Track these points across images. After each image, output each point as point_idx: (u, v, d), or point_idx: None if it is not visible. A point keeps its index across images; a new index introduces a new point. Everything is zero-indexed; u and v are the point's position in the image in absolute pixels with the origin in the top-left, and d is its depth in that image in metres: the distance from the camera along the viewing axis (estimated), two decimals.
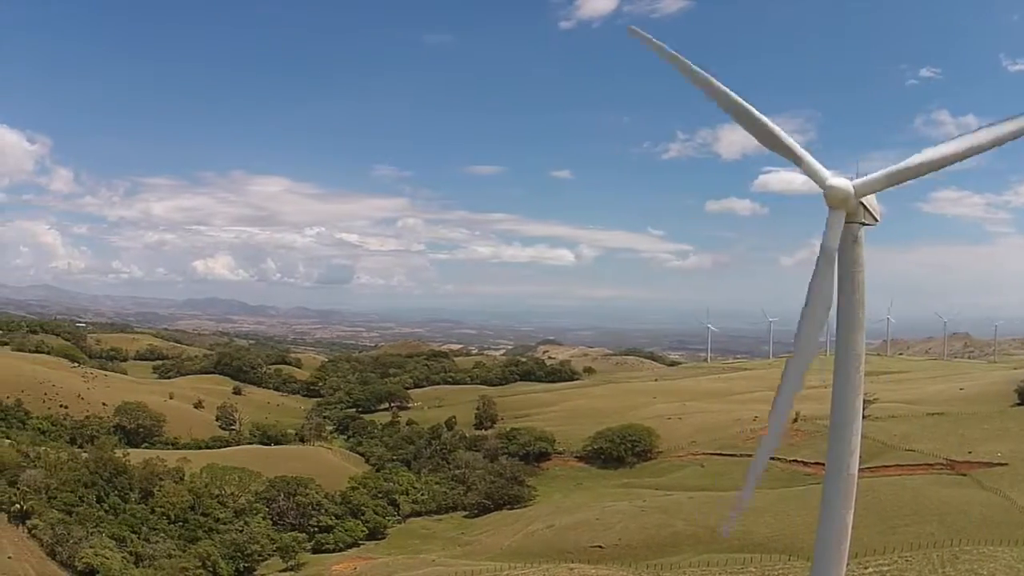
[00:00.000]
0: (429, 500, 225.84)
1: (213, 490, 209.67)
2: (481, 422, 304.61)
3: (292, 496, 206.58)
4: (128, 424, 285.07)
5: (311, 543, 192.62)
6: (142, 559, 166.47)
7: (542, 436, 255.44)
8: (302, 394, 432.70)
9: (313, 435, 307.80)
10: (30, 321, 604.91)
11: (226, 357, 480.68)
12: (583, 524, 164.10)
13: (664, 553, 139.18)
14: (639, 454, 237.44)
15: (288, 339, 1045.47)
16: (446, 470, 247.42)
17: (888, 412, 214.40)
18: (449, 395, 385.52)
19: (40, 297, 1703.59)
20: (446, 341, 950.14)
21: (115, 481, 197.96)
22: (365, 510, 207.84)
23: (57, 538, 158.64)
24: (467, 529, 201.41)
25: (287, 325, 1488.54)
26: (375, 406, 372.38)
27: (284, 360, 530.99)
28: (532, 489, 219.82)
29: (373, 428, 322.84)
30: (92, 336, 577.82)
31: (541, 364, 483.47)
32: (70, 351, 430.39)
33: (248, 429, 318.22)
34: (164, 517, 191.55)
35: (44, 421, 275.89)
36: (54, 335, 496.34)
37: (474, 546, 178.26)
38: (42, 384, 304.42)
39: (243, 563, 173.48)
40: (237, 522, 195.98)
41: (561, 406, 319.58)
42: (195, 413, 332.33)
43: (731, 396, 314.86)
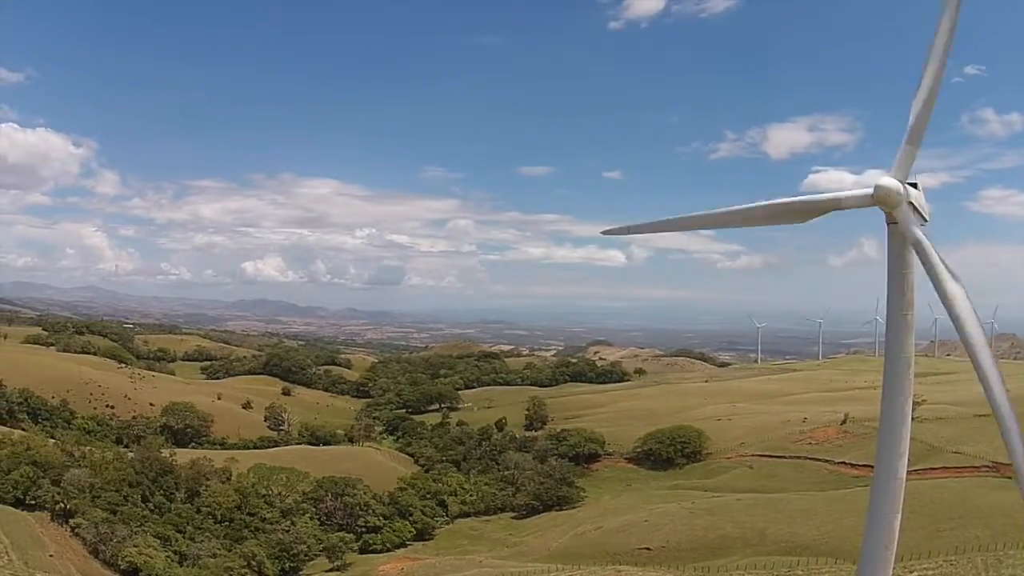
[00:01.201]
0: (478, 501, 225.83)
1: (260, 490, 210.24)
2: (531, 423, 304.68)
3: (340, 496, 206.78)
4: (175, 424, 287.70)
5: (358, 543, 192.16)
6: (186, 558, 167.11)
7: (592, 437, 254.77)
8: (352, 395, 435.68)
9: (362, 436, 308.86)
10: (76, 322, 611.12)
11: (275, 358, 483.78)
12: (631, 526, 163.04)
13: (712, 555, 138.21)
14: (688, 456, 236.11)
15: (338, 340, 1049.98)
16: (495, 471, 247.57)
17: (935, 414, 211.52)
18: (499, 396, 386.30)
19: (87, 298, 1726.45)
20: (497, 342, 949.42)
21: (161, 481, 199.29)
22: (413, 511, 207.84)
23: (100, 537, 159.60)
24: (515, 530, 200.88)
25: (337, 326, 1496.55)
26: (425, 407, 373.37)
27: (334, 361, 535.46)
28: (581, 490, 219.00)
29: (423, 429, 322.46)
30: (140, 337, 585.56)
31: (592, 365, 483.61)
32: (117, 352, 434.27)
33: (297, 429, 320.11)
34: (210, 517, 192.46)
35: (90, 421, 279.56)
36: (101, 336, 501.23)
37: (521, 547, 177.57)
38: (88, 384, 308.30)
39: (289, 563, 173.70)
40: (284, 522, 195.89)
41: (611, 407, 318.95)
42: (243, 414, 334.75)
43: (780, 397, 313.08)
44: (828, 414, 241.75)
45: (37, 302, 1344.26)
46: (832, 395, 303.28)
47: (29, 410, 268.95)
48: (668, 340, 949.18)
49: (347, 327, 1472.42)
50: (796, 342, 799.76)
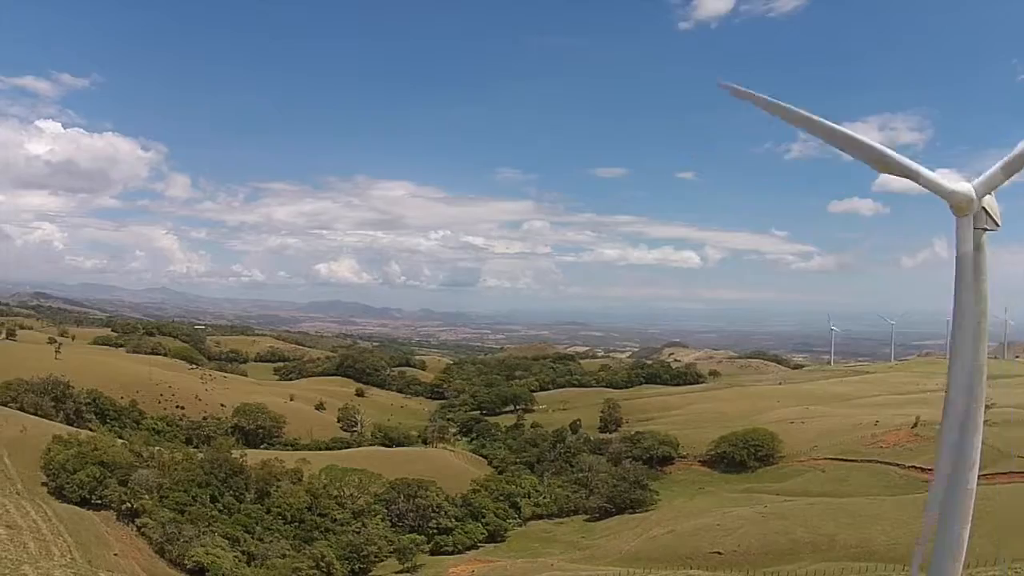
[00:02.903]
0: (551, 503, 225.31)
1: (332, 491, 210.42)
2: (606, 425, 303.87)
3: (412, 498, 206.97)
4: (247, 425, 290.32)
5: (429, 545, 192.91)
6: (254, 558, 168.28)
7: (666, 440, 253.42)
8: (426, 396, 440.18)
9: (436, 437, 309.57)
10: (146, 323, 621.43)
11: (349, 359, 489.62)
12: (704, 529, 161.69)
13: (782, 560, 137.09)
14: (761, 459, 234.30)
15: (413, 341, 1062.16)
16: (569, 473, 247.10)
17: (1004, 417, 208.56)
18: (574, 398, 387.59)
19: (157, 300, 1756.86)
20: (572, 343, 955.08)
21: (230, 481, 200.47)
22: (486, 512, 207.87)
23: (167, 536, 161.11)
24: (588, 533, 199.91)
25: (412, 327, 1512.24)
26: (500, 408, 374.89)
27: (408, 362, 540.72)
28: (655, 493, 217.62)
29: (497, 431, 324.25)
30: (211, 338, 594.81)
31: (666, 367, 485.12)
32: (188, 353, 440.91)
33: (370, 431, 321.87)
34: (280, 517, 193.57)
35: (159, 422, 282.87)
36: (172, 337, 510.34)
37: (594, 550, 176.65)
38: (158, 385, 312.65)
39: (358, 564, 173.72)
40: (355, 523, 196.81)
41: (686, 409, 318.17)
42: (316, 415, 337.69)
43: (853, 400, 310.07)
44: (899, 417, 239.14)
45: (106, 304, 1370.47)
46: (903, 398, 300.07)
47: (97, 411, 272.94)
48: (742, 342, 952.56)
49: (422, 328, 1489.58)
50: (869, 344, 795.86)
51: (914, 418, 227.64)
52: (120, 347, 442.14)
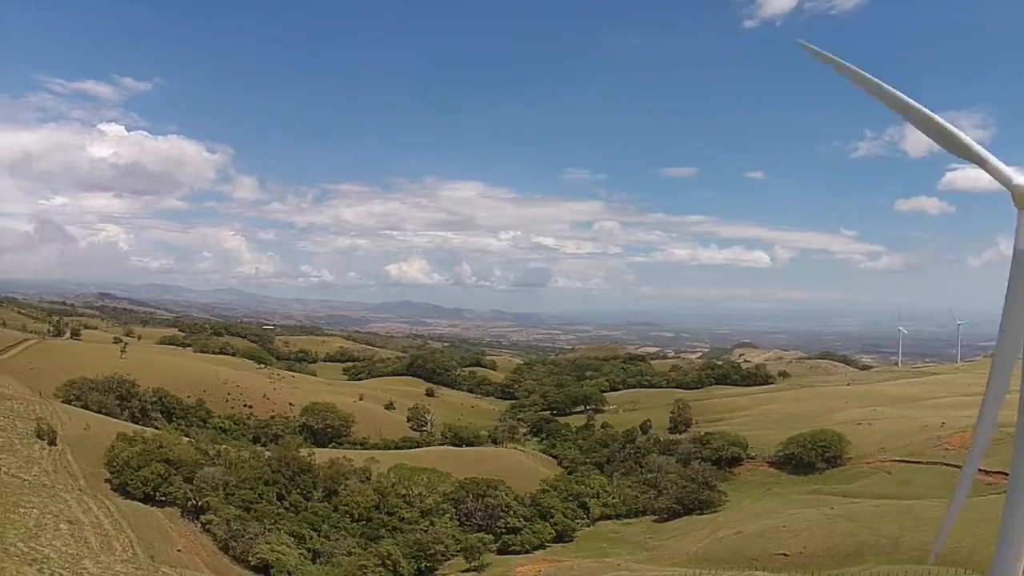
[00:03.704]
0: (619, 504, 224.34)
1: (400, 490, 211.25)
2: (676, 426, 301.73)
3: (481, 497, 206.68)
4: (315, 424, 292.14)
5: (497, 544, 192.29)
6: (320, 556, 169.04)
7: (735, 441, 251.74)
8: (497, 396, 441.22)
9: (506, 437, 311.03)
10: (214, 323, 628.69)
11: (419, 359, 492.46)
12: (770, 531, 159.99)
13: (847, 562, 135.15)
14: (829, 460, 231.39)
15: (483, 342, 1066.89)
16: (638, 474, 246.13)
17: None
18: (645, 398, 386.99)
19: (225, 301, 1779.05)
20: (643, 344, 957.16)
21: (298, 479, 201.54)
22: (554, 512, 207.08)
23: (232, 533, 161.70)
24: (655, 533, 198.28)
25: (483, 328, 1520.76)
26: (570, 409, 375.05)
27: (479, 362, 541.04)
28: (723, 494, 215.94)
29: (567, 431, 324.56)
30: (280, 339, 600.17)
31: (736, 367, 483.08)
32: (256, 353, 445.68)
33: (440, 431, 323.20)
34: (347, 515, 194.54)
35: (226, 420, 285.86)
36: (240, 337, 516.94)
37: (660, 551, 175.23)
38: (225, 384, 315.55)
39: (425, 563, 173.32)
40: (423, 522, 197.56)
41: (755, 410, 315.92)
42: (386, 414, 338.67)
43: (919, 401, 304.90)
44: (964, 419, 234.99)
45: (173, 304, 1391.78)
46: (970, 399, 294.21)
47: (163, 409, 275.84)
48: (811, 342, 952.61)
49: (493, 329, 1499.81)
50: (936, 344, 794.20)
51: None
52: (187, 347, 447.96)
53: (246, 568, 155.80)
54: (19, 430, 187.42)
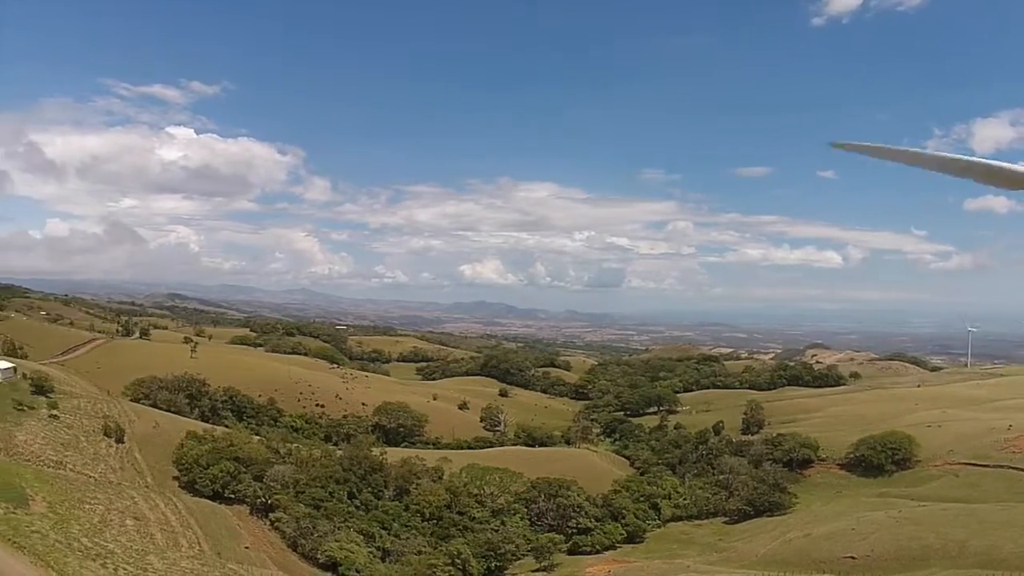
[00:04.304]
0: (690, 505, 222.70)
1: (472, 489, 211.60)
2: (748, 427, 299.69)
3: (553, 497, 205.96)
4: (388, 423, 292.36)
5: (568, 544, 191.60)
6: (389, 554, 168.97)
7: (806, 442, 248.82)
8: (570, 397, 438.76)
9: (579, 438, 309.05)
10: (286, 324, 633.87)
11: (493, 359, 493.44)
12: (838, 533, 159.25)
13: (913, 566, 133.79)
14: (898, 462, 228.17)
15: (557, 342, 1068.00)
16: (710, 475, 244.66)
17: None
18: (717, 399, 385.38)
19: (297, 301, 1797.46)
20: (716, 344, 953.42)
21: (369, 478, 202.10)
22: (626, 513, 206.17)
23: (301, 531, 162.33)
24: (725, 535, 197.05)
25: (557, 328, 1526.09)
26: (643, 410, 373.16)
27: (553, 363, 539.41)
28: (793, 496, 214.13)
29: (640, 432, 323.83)
30: (353, 339, 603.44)
31: (808, 369, 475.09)
32: (329, 353, 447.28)
33: (513, 431, 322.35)
34: (418, 515, 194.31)
35: (298, 419, 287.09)
36: (312, 337, 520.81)
37: (729, 553, 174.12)
38: (297, 384, 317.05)
39: (495, 562, 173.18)
40: (494, 522, 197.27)
41: (826, 412, 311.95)
42: (459, 414, 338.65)
43: (987, 403, 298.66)
44: None
45: (244, 304, 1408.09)
46: None
47: (234, 408, 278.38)
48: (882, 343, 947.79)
49: (567, 329, 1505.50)
50: (1006, 345, 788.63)
51: None
52: (259, 347, 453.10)
53: (314, 565, 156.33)
54: (86, 428, 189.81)
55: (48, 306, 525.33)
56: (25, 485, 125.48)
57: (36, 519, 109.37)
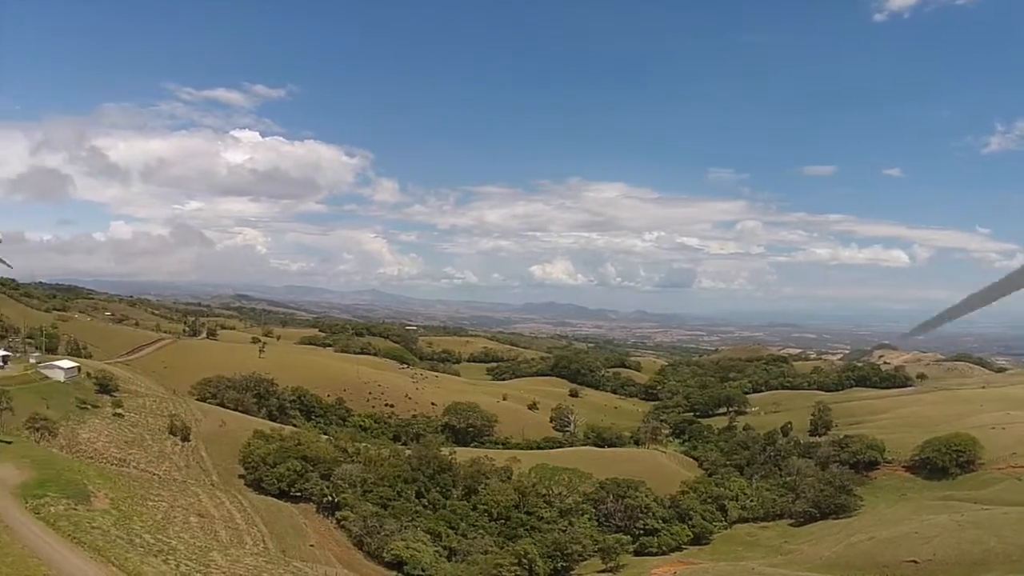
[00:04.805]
0: (757, 507, 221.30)
1: (540, 489, 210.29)
2: (816, 428, 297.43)
3: (621, 498, 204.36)
4: (457, 423, 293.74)
5: (634, 545, 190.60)
6: (456, 554, 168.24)
7: (872, 444, 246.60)
8: (640, 397, 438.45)
9: (649, 438, 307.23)
10: (355, 324, 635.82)
11: (563, 360, 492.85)
12: (902, 537, 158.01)
13: (975, 571, 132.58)
14: (962, 465, 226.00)
15: (628, 343, 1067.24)
16: (777, 476, 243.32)
17: None
18: (786, 400, 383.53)
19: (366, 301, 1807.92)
20: (785, 345, 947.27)
21: (438, 478, 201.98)
22: (693, 515, 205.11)
23: (367, 529, 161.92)
24: (791, 537, 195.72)
25: (627, 329, 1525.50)
26: (713, 410, 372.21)
27: (623, 363, 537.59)
28: (858, 498, 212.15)
29: (709, 432, 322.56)
30: (423, 339, 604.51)
31: (876, 369, 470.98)
32: (399, 353, 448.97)
33: (583, 431, 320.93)
34: (486, 514, 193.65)
35: (366, 419, 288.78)
36: (382, 338, 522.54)
37: (795, 555, 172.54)
38: (366, 384, 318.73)
39: (561, 562, 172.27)
40: (561, 522, 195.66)
41: (893, 413, 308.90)
42: (529, 414, 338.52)
43: None
44: None
45: (313, 305, 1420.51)
46: None
47: (302, 407, 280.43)
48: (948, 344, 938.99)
49: (637, 330, 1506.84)
50: None
51: None
52: (328, 347, 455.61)
53: (379, 564, 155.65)
54: (151, 426, 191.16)
55: (113, 307, 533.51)
56: (87, 482, 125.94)
57: (98, 515, 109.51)
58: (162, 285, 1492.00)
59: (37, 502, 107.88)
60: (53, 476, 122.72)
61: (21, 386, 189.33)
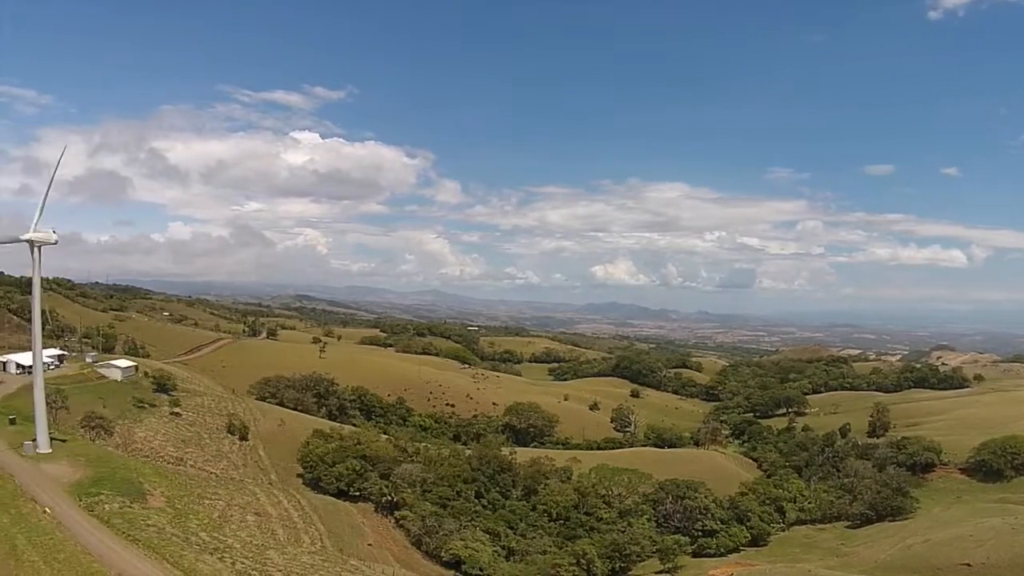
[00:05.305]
0: (815, 508, 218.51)
1: (600, 490, 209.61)
2: (874, 430, 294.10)
3: (680, 499, 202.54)
4: (518, 424, 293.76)
5: (693, 547, 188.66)
6: (514, 553, 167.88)
7: (929, 446, 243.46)
8: (701, 398, 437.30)
9: (708, 439, 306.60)
10: (417, 324, 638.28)
11: (625, 360, 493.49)
12: (956, 540, 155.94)
13: None
14: (1017, 468, 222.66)
15: (689, 343, 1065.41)
16: (835, 478, 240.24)
17: None
18: (845, 401, 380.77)
19: (428, 302, 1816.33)
20: (845, 346, 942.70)
21: (498, 478, 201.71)
22: (751, 516, 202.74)
23: (426, 529, 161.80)
24: (848, 539, 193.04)
25: (688, 329, 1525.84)
26: (772, 411, 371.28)
27: (684, 364, 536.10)
28: (914, 501, 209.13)
29: (768, 433, 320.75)
30: (485, 339, 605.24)
31: (934, 371, 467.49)
32: (460, 353, 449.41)
33: (643, 431, 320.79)
34: (545, 514, 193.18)
35: (427, 419, 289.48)
36: (443, 338, 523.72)
37: (851, 557, 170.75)
38: (427, 384, 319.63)
39: (619, 563, 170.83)
40: (620, 523, 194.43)
41: (950, 415, 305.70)
42: (589, 415, 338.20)
43: None
44: None
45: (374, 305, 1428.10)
46: None
47: (362, 407, 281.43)
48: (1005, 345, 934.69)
49: (698, 330, 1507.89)
50: None
51: None
52: (389, 347, 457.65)
53: (437, 563, 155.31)
54: (208, 425, 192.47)
55: (171, 307, 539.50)
56: (143, 480, 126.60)
57: (153, 513, 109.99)
58: (222, 285, 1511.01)
59: (91, 500, 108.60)
60: (108, 474, 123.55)
61: (77, 385, 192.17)
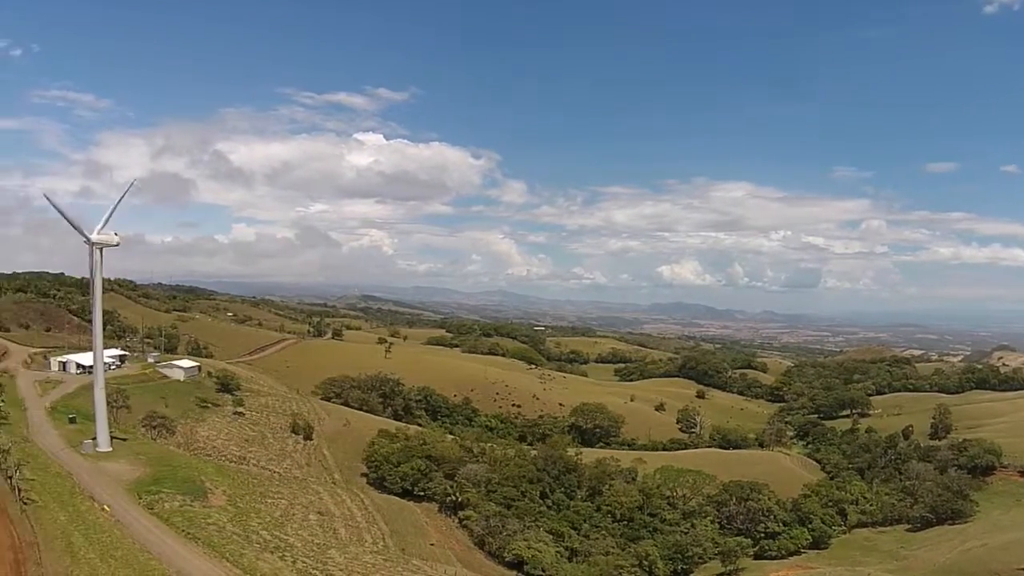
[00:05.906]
0: (876, 511, 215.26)
1: (664, 491, 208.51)
2: (936, 431, 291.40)
3: (744, 501, 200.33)
4: (584, 424, 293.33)
5: (754, 549, 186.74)
6: (577, 554, 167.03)
7: (990, 449, 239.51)
8: (766, 399, 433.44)
9: (773, 440, 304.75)
10: (483, 324, 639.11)
11: (691, 361, 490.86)
12: (1015, 544, 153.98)
13: None
14: None
15: (755, 343, 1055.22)
16: (897, 480, 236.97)
17: None
18: (908, 403, 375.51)
19: (494, 302, 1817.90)
20: (908, 346, 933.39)
21: (563, 478, 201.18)
22: (813, 518, 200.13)
23: (489, 529, 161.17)
24: (907, 543, 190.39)
25: (754, 329, 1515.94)
26: (836, 412, 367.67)
27: (750, 364, 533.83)
28: (975, 504, 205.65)
29: (832, 435, 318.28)
30: (551, 339, 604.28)
31: (995, 372, 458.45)
32: (527, 353, 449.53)
33: (708, 432, 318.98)
34: (609, 515, 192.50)
35: (493, 419, 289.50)
36: (510, 338, 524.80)
37: (910, 561, 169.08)
38: (494, 384, 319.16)
39: (682, 565, 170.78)
40: (684, 524, 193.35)
41: (1011, 417, 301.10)
42: (655, 415, 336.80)
43: None
44: None
45: (441, 306, 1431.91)
46: None
47: (428, 407, 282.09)
48: None
49: (764, 330, 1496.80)
50: None
51: None
52: (455, 347, 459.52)
53: (499, 564, 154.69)
54: (272, 425, 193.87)
55: (235, 308, 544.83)
56: (204, 479, 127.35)
57: (213, 512, 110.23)
58: (287, 286, 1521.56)
59: (151, 498, 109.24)
60: (168, 473, 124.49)
61: (138, 385, 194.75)
